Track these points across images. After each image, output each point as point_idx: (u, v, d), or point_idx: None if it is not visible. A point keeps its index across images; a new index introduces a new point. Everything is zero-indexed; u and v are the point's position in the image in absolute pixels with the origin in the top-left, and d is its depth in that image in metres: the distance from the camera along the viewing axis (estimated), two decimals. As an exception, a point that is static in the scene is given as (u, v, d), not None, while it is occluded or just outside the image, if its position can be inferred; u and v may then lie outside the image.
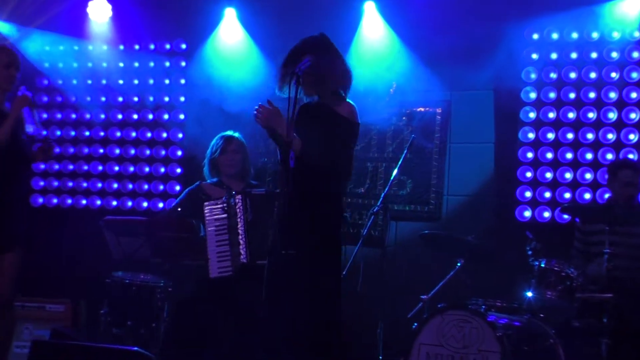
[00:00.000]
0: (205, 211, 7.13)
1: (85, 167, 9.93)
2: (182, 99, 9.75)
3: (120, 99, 9.89)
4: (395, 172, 7.72)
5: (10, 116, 6.52)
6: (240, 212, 6.91)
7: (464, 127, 8.89)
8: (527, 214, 8.54)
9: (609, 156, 8.32)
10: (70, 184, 9.95)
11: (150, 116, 9.82)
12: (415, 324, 7.06)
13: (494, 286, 7.75)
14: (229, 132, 7.72)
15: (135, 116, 9.85)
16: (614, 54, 8.42)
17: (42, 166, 9.86)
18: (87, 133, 9.99)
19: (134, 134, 9.84)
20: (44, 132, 6.72)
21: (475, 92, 8.86)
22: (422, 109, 8.97)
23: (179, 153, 9.70)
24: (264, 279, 5.63)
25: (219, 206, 7.13)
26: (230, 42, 9.41)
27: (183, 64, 9.78)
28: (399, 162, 7.71)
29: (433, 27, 8.72)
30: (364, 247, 7.29)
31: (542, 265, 7.04)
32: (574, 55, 8.56)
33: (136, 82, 9.87)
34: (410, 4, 8.80)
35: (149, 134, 9.81)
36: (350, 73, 5.84)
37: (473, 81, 8.79)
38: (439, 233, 7.85)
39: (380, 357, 7.47)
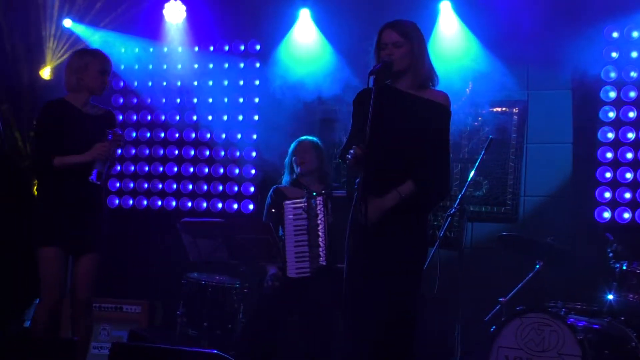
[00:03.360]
0: (285, 210, 7.12)
1: (161, 169, 9.97)
2: (257, 100, 9.73)
3: (195, 100, 9.89)
4: (472, 173, 7.63)
5: (84, 156, 6.55)
6: (321, 213, 6.89)
7: (541, 128, 8.76)
8: (607, 215, 8.37)
9: (691, 156, 8.13)
10: (146, 185, 9.99)
11: (225, 117, 9.80)
12: (494, 326, 6.98)
13: (574, 289, 7.68)
14: (304, 137, 7.73)
15: (209, 117, 9.84)
16: (697, 52, 8.22)
17: (119, 168, 9.92)
18: (162, 135, 10.03)
19: (208, 135, 9.83)
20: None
21: (552, 91, 8.73)
22: (499, 109, 8.87)
23: (254, 154, 9.67)
24: (345, 276, 5.53)
25: (299, 206, 7.12)
26: (305, 42, 9.38)
27: (257, 65, 9.75)
28: (476, 163, 7.62)
29: (509, 26, 8.58)
30: (440, 249, 7.20)
31: (624, 267, 6.91)
32: (655, 54, 8.37)
33: (210, 83, 9.86)
34: (486, 2, 8.69)
35: (223, 135, 9.79)
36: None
37: (550, 81, 8.69)
38: (517, 235, 7.75)
39: (458, 360, 7.40)
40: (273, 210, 7.38)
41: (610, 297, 6.90)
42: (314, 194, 7.07)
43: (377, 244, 5.38)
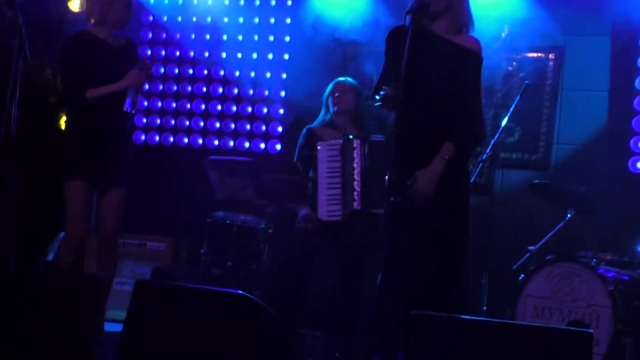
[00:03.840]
0: (319, 151, 6.98)
1: (188, 106, 9.85)
2: (287, 38, 9.56)
3: (225, 37, 9.74)
4: (505, 119, 7.51)
5: (118, 85, 6.52)
6: (357, 157, 6.76)
7: (577, 75, 8.60)
8: None
9: None
10: (173, 122, 9.89)
11: (255, 55, 9.65)
12: (522, 275, 6.88)
13: (605, 239, 7.55)
14: (343, 77, 7.58)
15: (239, 55, 9.69)
16: None
17: (145, 103, 9.83)
18: (191, 71, 9.91)
19: (237, 73, 9.68)
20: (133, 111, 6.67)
21: (590, 38, 8.56)
22: (534, 55, 8.70)
23: (282, 94, 9.54)
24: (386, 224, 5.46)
25: (335, 148, 6.98)
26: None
27: (289, 2, 9.59)
28: (511, 109, 7.50)
29: None
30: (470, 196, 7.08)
31: (659, 219, 6.81)
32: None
33: (241, 20, 9.71)
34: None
35: (252, 74, 9.63)
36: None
37: (588, 27, 8.51)
38: (549, 183, 7.63)
39: (485, 308, 7.30)
40: (305, 151, 7.26)
41: (643, 248, 6.80)
42: (351, 137, 6.92)
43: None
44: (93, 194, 6.68)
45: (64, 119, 8.47)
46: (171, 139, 9.88)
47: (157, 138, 9.94)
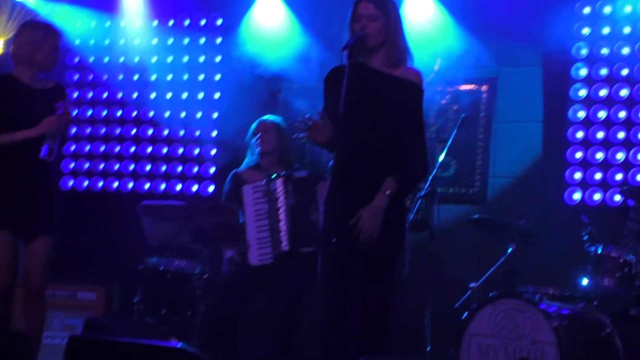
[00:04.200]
0: (245, 195, 6.86)
1: (117, 149, 9.62)
2: (218, 77, 9.40)
3: (154, 77, 9.55)
4: (443, 153, 7.43)
5: (33, 130, 6.28)
6: (281, 196, 6.62)
7: (510, 106, 8.54)
8: (577, 196, 8.16)
9: (664, 136, 7.95)
10: (102, 165, 9.65)
11: (185, 95, 9.48)
12: (465, 313, 6.76)
13: (547, 273, 7.50)
14: (266, 116, 7.42)
15: (169, 95, 9.51)
16: (672, 28, 8.03)
17: (72, 147, 9.59)
18: (119, 113, 9.70)
19: (167, 114, 9.50)
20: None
21: (522, 68, 8.52)
22: (468, 87, 8.64)
23: (214, 134, 9.36)
24: (320, 268, 5.30)
25: (258, 190, 6.85)
26: (270, 17, 9.06)
27: (219, 40, 9.42)
28: (448, 143, 7.41)
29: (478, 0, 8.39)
30: (408, 233, 6.96)
31: (599, 251, 6.72)
32: (627, 30, 8.15)
33: (170, 59, 9.54)
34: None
35: (183, 114, 9.46)
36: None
37: (520, 57, 8.48)
38: (488, 217, 7.52)
39: (429, 348, 7.15)
40: (233, 197, 7.10)
41: (585, 281, 6.70)
42: (274, 176, 6.78)
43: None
44: (17, 243, 6.40)
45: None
46: (100, 184, 9.65)
47: (86, 183, 9.70)
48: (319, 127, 5.28)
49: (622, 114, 8.11)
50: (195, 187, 9.38)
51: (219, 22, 9.46)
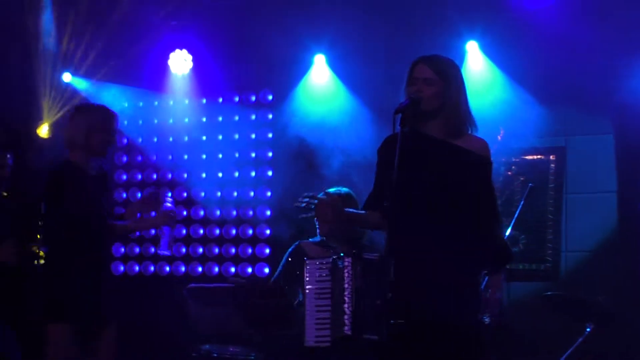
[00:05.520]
0: (306, 270, 6.39)
1: (168, 232, 9.32)
2: (270, 154, 9.19)
3: (204, 156, 9.33)
4: (509, 228, 7.03)
5: (133, 226, 6.23)
6: (348, 276, 6.14)
7: (581, 176, 8.18)
8: None
9: None
10: (153, 249, 9.35)
11: (236, 174, 9.24)
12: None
13: (629, 355, 7.04)
14: (333, 188, 7.00)
15: (220, 174, 9.27)
16: None
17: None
18: (170, 195, 9.36)
19: (218, 194, 9.25)
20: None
21: (592, 136, 8.16)
22: (534, 157, 8.27)
23: (268, 213, 9.07)
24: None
25: (323, 266, 6.39)
26: (321, 89, 8.82)
27: (270, 116, 9.20)
28: (515, 215, 6.99)
29: (542, 66, 8.02)
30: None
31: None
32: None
33: (220, 137, 9.31)
34: (516, 41, 8.10)
35: (235, 194, 9.21)
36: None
37: (590, 124, 8.13)
38: (563, 294, 7.08)
39: None
40: (294, 269, 6.68)
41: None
42: (342, 254, 6.34)
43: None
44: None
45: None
46: (152, 268, 9.40)
47: (137, 268, 9.47)
48: (326, 204, 5.02)
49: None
50: (250, 269, 9.10)
51: (270, 97, 9.27)
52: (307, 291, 6.32)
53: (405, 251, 4.67)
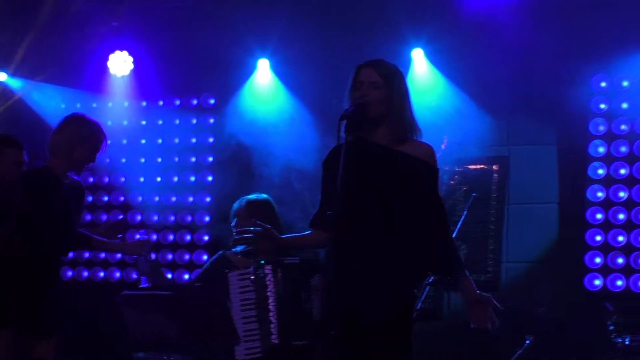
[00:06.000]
0: (231, 282, 6.28)
1: (105, 237, 9.16)
2: (211, 159, 9.06)
3: (143, 160, 9.18)
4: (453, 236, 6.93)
5: (110, 245, 6.28)
6: (270, 284, 6.03)
7: (523, 186, 8.15)
8: (598, 282, 7.71)
9: (690, 217, 7.54)
10: (87, 254, 9.18)
11: (176, 179, 9.10)
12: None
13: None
14: (250, 195, 6.84)
15: (158, 179, 9.12)
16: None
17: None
18: (106, 198, 9.27)
19: (157, 199, 9.10)
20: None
21: (536, 147, 8.15)
22: (477, 166, 8.24)
23: (207, 219, 8.94)
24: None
25: (245, 277, 6.25)
26: (264, 95, 8.71)
27: (211, 120, 9.08)
28: (458, 225, 6.92)
29: (487, 76, 8.02)
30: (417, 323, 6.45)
31: (627, 342, 6.22)
32: (646, 105, 7.79)
33: (160, 141, 9.18)
34: (462, 51, 8.07)
35: (173, 198, 9.07)
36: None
37: (534, 134, 8.13)
38: (504, 306, 7.00)
39: None
40: (212, 279, 6.54)
41: (615, 375, 6.20)
42: (262, 262, 6.20)
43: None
44: None
45: None
46: (86, 274, 9.25)
47: (70, 273, 9.28)
48: (263, 237, 5.05)
49: (645, 194, 7.67)
50: (187, 276, 8.97)
51: (212, 101, 9.15)
52: (233, 304, 6.21)
53: (349, 260, 4.54)
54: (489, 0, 7.92)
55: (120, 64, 8.90)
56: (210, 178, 9.03)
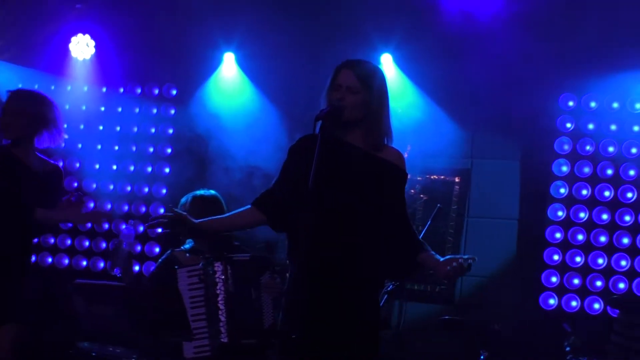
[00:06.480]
0: (179, 279, 6.13)
1: (55, 222, 9.01)
2: (169, 150, 8.93)
3: (99, 147, 9.02)
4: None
5: (60, 215, 5.94)
6: (220, 281, 5.90)
7: (484, 200, 8.12)
8: (552, 301, 7.70)
9: (650, 242, 7.53)
10: (36, 240, 8.91)
11: (132, 168, 8.96)
12: None
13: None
14: (199, 191, 6.70)
15: (114, 167, 8.97)
16: (662, 128, 7.66)
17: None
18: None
19: (111, 187, 8.95)
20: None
21: (499, 161, 8.11)
22: (439, 177, 8.19)
23: (162, 210, 8.75)
24: None
25: (194, 274, 6.10)
26: (228, 88, 8.62)
27: (172, 111, 8.95)
28: (421, 235, 6.82)
29: (455, 87, 8.01)
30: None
31: (583, 364, 6.19)
32: (613, 127, 7.76)
33: (118, 129, 9.02)
34: (430, 59, 8.04)
35: (128, 188, 8.94)
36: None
37: (498, 149, 8.09)
38: (459, 319, 6.98)
39: None
40: (164, 279, 6.41)
41: (572, 398, 6.16)
42: (211, 259, 6.06)
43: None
44: None
45: None
46: (33, 259, 8.90)
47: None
48: (175, 221, 4.92)
49: (605, 217, 7.70)
50: (137, 267, 8.76)
51: (174, 92, 9.02)
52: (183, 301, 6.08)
53: (315, 259, 4.44)
54: (461, 11, 7.87)
55: (82, 47, 8.73)
56: (167, 169, 8.91)
